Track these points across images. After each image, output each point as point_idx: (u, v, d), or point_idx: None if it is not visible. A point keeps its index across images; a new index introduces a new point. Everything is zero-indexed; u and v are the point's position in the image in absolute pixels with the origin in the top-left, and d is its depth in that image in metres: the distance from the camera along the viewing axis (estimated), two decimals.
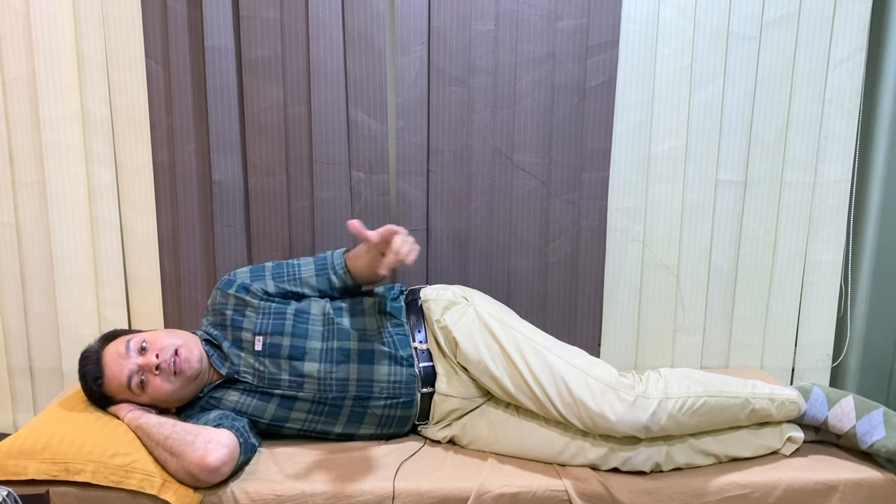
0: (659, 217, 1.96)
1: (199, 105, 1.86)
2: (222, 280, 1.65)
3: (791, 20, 1.87)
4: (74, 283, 1.94)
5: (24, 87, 1.87)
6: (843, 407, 1.53)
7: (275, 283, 1.63)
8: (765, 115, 1.92)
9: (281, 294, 1.63)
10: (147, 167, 1.91)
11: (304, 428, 1.59)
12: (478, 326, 1.58)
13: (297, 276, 1.65)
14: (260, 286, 1.62)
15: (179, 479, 1.40)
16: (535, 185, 1.90)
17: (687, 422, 1.46)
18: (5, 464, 1.41)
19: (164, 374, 1.50)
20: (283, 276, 1.65)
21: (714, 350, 2.06)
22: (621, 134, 1.91)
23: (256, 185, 1.89)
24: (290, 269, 1.66)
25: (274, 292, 1.63)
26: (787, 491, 1.46)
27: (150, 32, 1.83)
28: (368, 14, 1.80)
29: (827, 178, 1.96)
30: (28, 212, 1.93)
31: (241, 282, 1.63)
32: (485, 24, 1.82)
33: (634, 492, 1.44)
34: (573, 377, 1.48)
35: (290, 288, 1.64)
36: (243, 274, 1.65)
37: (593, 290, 1.96)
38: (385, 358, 1.58)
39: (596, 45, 1.84)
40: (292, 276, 1.65)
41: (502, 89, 1.85)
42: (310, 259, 1.69)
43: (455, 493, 1.43)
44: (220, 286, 1.64)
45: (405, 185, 1.90)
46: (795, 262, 2.00)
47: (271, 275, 1.65)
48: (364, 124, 1.86)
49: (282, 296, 1.63)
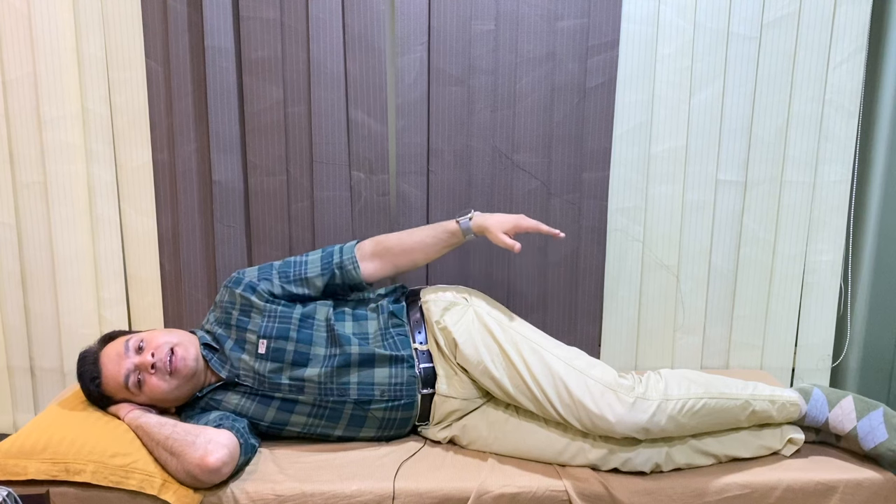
0: (659, 217, 1.96)
1: (199, 105, 1.86)
2: (231, 278, 1.64)
3: (791, 20, 1.87)
4: (75, 283, 1.94)
5: (24, 86, 1.87)
6: (843, 408, 1.53)
7: (281, 285, 1.63)
8: (765, 115, 1.92)
9: (287, 297, 1.63)
10: (147, 167, 1.91)
11: (305, 431, 1.59)
12: (477, 327, 1.58)
13: (303, 276, 1.65)
14: (266, 287, 1.62)
15: (179, 480, 1.40)
16: (535, 185, 1.90)
17: (687, 423, 1.46)
18: (5, 464, 1.41)
19: (160, 372, 1.51)
20: (290, 277, 1.65)
21: (714, 350, 2.06)
22: (621, 134, 1.91)
23: (256, 185, 1.89)
24: (297, 269, 1.66)
25: (280, 294, 1.63)
26: (787, 491, 1.46)
27: (150, 32, 1.83)
28: (368, 14, 1.80)
29: (827, 178, 1.96)
30: (28, 212, 1.93)
31: (249, 281, 1.62)
32: (485, 24, 1.82)
33: (634, 492, 1.44)
34: (573, 378, 1.48)
35: (296, 290, 1.64)
36: (251, 273, 1.65)
37: (593, 290, 1.96)
38: (386, 361, 1.58)
39: (596, 45, 1.84)
40: (298, 276, 1.65)
41: (502, 89, 1.85)
42: (317, 255, 1.68)
43: (455, 493, 1.43)
44: (229, 284, 1.63)
45: (405, 185, 1.90)
46: (795, 262, 2.00)
47: (278, 275, 1.65)
48: (364, 124, 1.86)
49: (288, 298, 1.63)
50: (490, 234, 1.60)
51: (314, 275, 1.65)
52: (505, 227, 1.60)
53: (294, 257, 1.69)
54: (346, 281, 1.66)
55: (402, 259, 1.66)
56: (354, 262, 1.65)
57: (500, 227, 1.59)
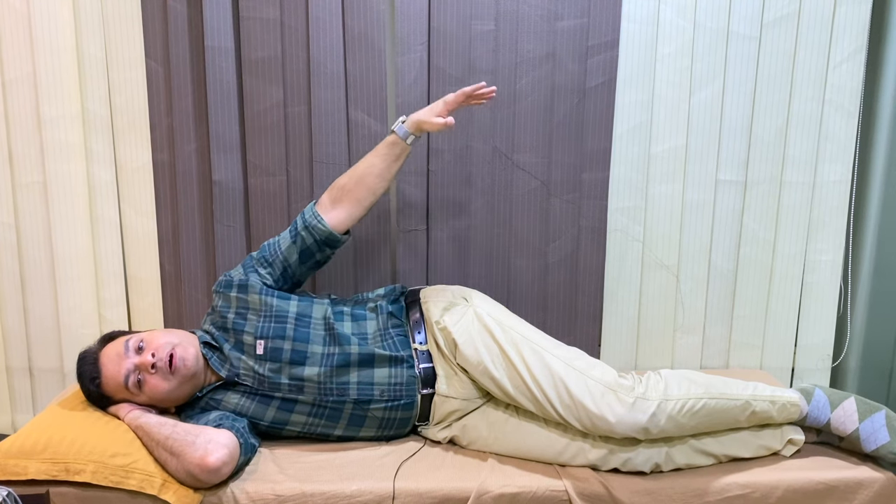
0: (659, 217, 1.96)
1: (199, 105, 1.86)
2: (219, 282, 1.65)
3: (791, 20, 1.87)
4: (74, 283, 1.94)
5: (24, 86, 1.87)
6: (846, 409, 1.53)
7: (266, 269, 1.65)
8: (765, 115, 1.92)
9: (277, 280, 1.65)
10: (147, 167, 1.91)
11: (305, 431, 1.59)
12: (477, 327, 1.58)
13: (279, 252, 1.66)
14: (256, 279, 1.63)
15: (179, 480, 1.40)
16: (535, 185, 1.90)
17: (686, 423, 1.46)
18: (5, 464, 1.41)
19: (161, 372, 1.51)
20: (269, 259, 1.66)
21: (714, 350, 2.06)
22: (621, 134, 1.91)
23: (256, 185, 1.89)
24: (273, 249, 1.67)
25: (271, 282, 1.64)
26: (788, 491, 1.46)
27: (150, 32, 1.83)
28: (368, 14, 1.80)
29: (827, 178, 1.96)
30: (28, 212, 1.93)
31: (238, 280, 1.63)
32: (485, 24, 1.82)
33: (635, 492, 1.44)
34: (572, 378, 1.48)
35: (279, 271, 1.65)
36: (237, 272, 1.66)
37: (593, 290, 1.96)
38: (385, 361, 1.58)
39: (596, 45, 1.84)
40: (275, 255, 1.66)
41: (502, 89, 1.85)
42: (287, 230, 1.69)
43: (455, 493, 1.43)
44: (220, 289, 1.64)
45: (405, 185, 1.90)
46: (795, 262, 2.00)
47: (259, 262, 1.66)
48: (364, 124, 1.86)
49: (279, 284, 1.65)
50: (426, 124, 1.62)
51: (286, 246, 1.66)
52: (436, 111, 1.62)
53: (269, 240, 1.69)
54: (317, 238, 1.65)
55: (359, 191, 1.65)
56: (317, 217, 1.65)
57: (432, 113, 1.62)
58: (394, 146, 1.64)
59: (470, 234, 1.92)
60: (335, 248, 1.69)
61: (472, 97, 1.64)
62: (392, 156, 1.65)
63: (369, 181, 1.65)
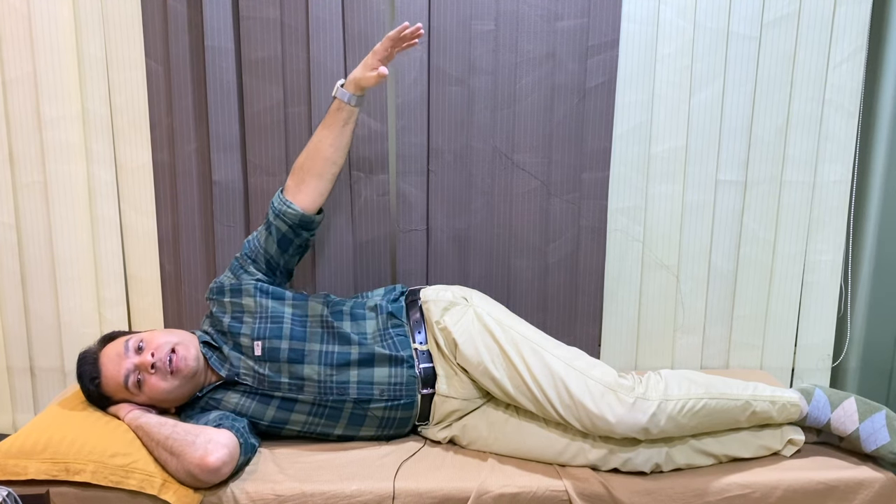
0: (659, 217, 1.96)
1: (199, 105, 1.86)
2: (211, 290, 1.67)
3: (791, 20, 1.87)
4: (75, 283, 1.94)
5: (24, 86, 1.87)
6: (846, 409, 1.53)
7: (253, 265, 1.66)
8: (765, 115, 1.92)
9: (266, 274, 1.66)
10: (147, 167, 1.91)
11: (305, 430, 1.59)
12: (477, 327, 1.58)
13: (259, 246, 1.67)
14: (247, 279, 1.64)
15: (179, 480, 1.40)
16: (535, 185, 1.90)
17: (687, 423, 1.46)
18: (5, 464, 1.41)
19: (161, 372, 1.51)
20: (252, 255, 1.67)
21: (714, 350, 2.06)
22: (621, 134, 1.91)
23: (256, 185, 1.89)
24: (253, 244, 1.68)
25: (259, 275, 1.65)
26: (788, 491, 1.46)
27: (150, 32, 1.83)
28: (368, 14, 1.80)
29: (827, 178, 1.96)
30: (28, 212, 1.93)
31: (230, 284, 1.64)
32: (485, 24, 1.82)
33: (635, 492, 1.44)
34: (573, 379, 1.48)
35: (265, 265, 1.66)
36: (226, 277, 1.67)
37: (593, 290, 1.96)
38: (385, 360, 1.58)
39: (596, 45, 1.84)
40: (257, 250, 1.67)
41: (502, 89, 1.85)
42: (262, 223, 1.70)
43: (455, 493, 1.43)
44: (213, 296, 1.66)
45: (405, 185, 1.90)
46: (795, 262, 2.00)
47: (245, 261, 1.67)
48: (364, 124, 1.86)
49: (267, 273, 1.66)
50: (363, 80, 1.60)
51: (264, 238, 1.67)
52: (369, 65, 1.60)
53: (248, 237, 1.70)
54: (290, 224, 1.65)
55: (318, 165, 1.65)
56: (286, 203, 1.65)
57: (366, 68, 1.60)
58: (339, 111, 1.64)
59: (470, 234, 1.92)
60: (311, 229, 1.69)
61: (399, 41, 1.59)
62: (340, 121, 1.64)
63: (326, 152, 1.65)
